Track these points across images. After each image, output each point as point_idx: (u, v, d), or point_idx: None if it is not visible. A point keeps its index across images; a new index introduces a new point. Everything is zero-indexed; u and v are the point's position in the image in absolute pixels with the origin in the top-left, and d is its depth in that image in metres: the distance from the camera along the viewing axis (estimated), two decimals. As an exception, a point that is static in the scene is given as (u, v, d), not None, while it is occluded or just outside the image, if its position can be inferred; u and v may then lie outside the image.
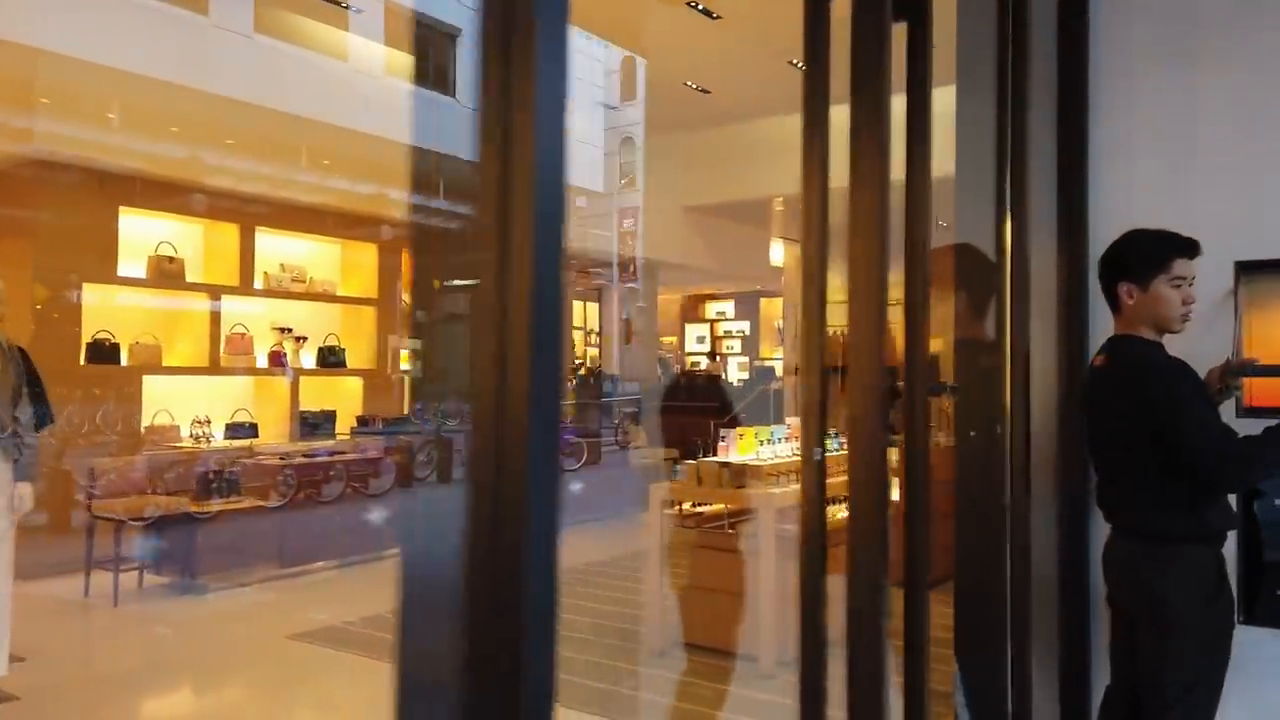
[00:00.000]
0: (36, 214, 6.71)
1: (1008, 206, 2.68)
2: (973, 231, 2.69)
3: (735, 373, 17.57)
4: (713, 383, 11.10)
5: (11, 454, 3.68)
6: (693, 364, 18.04)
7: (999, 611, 2.58)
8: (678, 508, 5.24)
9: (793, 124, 2.17)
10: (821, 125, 2.05)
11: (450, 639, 1.09)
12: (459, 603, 1.07)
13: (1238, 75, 2.92)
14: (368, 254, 8.97)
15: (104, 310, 7.19)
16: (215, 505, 6.41)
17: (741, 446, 5.12)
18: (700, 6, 6.97)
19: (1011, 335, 2.67)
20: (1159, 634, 2.42)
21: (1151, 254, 2.48)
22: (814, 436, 2.11)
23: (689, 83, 9.16)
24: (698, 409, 10.76)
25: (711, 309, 18.25)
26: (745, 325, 17.94)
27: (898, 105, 2.03)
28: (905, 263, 1.97)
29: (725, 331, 18.18)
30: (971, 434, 2.51)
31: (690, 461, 5.05)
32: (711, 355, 18.00)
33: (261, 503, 6.77)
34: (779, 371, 14.06)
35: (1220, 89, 2.96)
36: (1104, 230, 3.04)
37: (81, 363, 7.03)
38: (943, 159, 2.26)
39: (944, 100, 2.44)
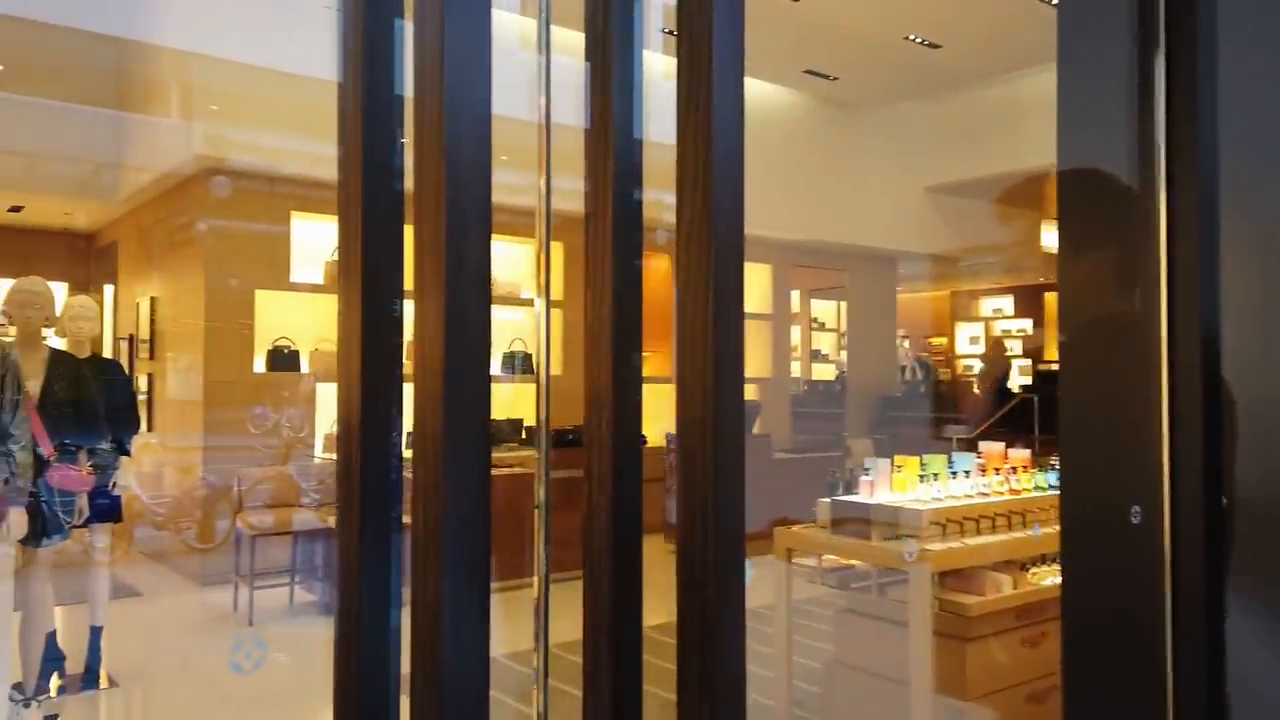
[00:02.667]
0: (207, 221, 6.77)
1: (1158, 79, 1.34)
2: (1085, 141, 1.39)
3: (1016, 377, 15.40)
4: (957, 389, 9.47)
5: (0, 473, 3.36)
6: (965, 368, 16.07)
7: None
8: (819, 559, 4.08)
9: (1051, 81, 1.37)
10: None
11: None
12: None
13: None
14: (555, 253, 8.41)
15: (279, 317, 7.17)
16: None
17: (896, 482, 3.85)
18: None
19: (1169, 332, 1.33)
20: None
21: None
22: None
23: (912, 36, 7.72)
24: (928, 420, 9.22)
25: (986, 305, 16.10)
26: (1027, 324, 15.62)
27: None
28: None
29: (1003, 331, 15.95)
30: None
31: (823, 500, 3.87)
32: (985, 358, 15.88)
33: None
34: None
35: None
36: None
37: (259, 370, 7.03)
38: None
39: None
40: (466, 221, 0.75)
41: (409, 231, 0.96)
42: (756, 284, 10.09)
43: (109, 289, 8.59)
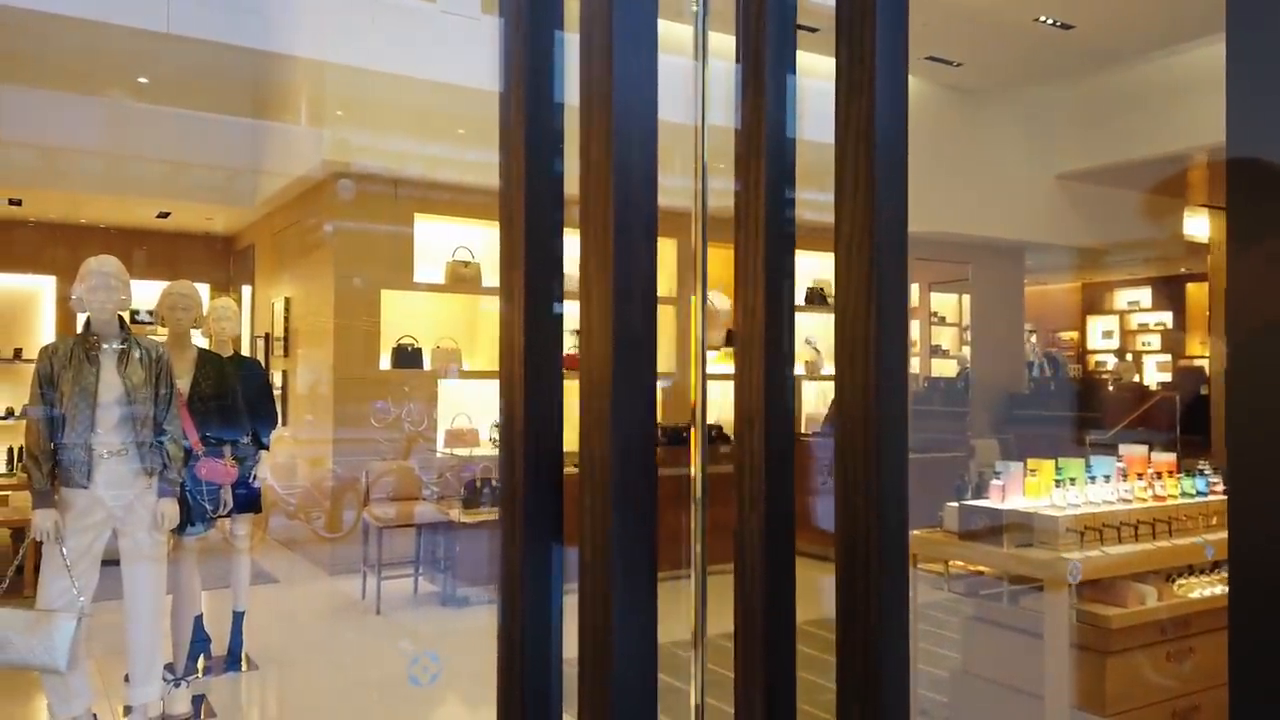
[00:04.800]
0: (335, 224, 7.03)
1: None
2: (1261, 120, 1.27)
3: (1153, 374, 14.60)
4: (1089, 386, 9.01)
5: (153, 467, 3.55)
6: (1097, 364, 15.32)
7: None
8: (946, 564, 3.94)
9: (1197, 59, 1.24)
10: None
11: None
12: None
13: None
14: (668, 250, 8.42)
15: (403, 315, 7.39)
16: (483, 513, 6.21)
17: (1030, 487, 3.68)
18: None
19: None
20: None
21: None
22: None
23: (1043, 17, 7.39)
24: (1059, 420, 8.83)
25: (1120, 298, 15.30)
26: (1166, 317, 14.77)
27: None
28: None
29: (1139, 325, 15.13)
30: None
31: (951, 504, 3.73)
32: (1120, 353, 15.10)
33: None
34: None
35: None
36: None
37: (383, 367, 7.26)
38: None
39: None
40: (631, 220, 0.73)
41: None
42: (874, 278, 9.84)
43: (247, 290, 9.03)
